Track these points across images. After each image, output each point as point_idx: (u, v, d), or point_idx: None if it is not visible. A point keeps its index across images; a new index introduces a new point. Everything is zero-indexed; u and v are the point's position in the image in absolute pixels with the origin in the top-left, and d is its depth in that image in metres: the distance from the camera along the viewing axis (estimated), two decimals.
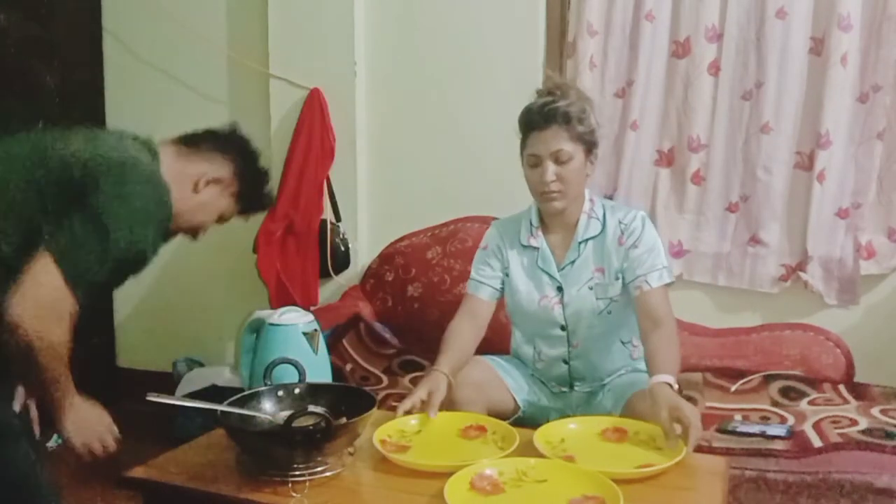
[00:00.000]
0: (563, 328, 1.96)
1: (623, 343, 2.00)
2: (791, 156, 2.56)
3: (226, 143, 1.66)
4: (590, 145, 1.89)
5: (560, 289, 1.94)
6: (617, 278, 1.92)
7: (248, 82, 3.11)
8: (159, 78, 3.25)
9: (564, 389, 2.04)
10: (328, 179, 2.91)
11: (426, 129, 2.92)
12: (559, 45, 2.77)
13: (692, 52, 2.59)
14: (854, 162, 2.51)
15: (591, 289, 1.92)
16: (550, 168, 1.84)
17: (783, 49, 2.50)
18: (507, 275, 2.01)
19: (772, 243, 2.59)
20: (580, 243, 1.94)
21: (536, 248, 1.97)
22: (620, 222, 1.93)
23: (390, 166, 2.98)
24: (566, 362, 1.99)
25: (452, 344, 1.90)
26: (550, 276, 1.95)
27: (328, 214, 2.91)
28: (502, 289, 2.02)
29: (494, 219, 2.66)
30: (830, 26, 2.43)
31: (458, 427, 1.66)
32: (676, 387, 1.67)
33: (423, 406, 1.70)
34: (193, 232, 1.66)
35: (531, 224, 1.99)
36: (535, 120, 1.86)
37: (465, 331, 1.95)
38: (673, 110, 2.65)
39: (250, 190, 1.67)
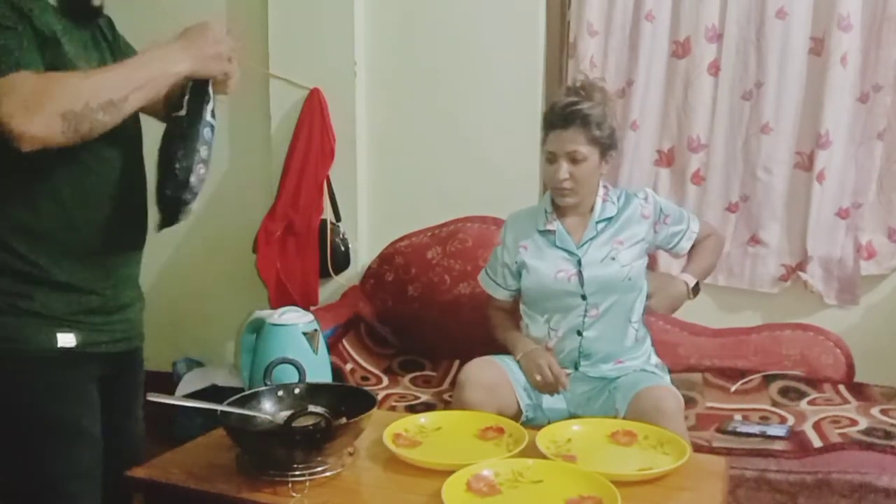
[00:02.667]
0: (583, 297, 2.04)
1: (631, 322, 2.07)
2: (791, 156, 2.56)
3: None
4: (606, 148, 2.02)
5: (579, 262, 2.04)
6: (635, 244, 2.06)
7: (248, 82, 3.10)
8: None
9: (569, 371, 2.06)
10: (328, 179, 2.90)
11: (426, 128, 2.92)
12: (559, 45, 2.77)
13: (692, 52, 2.59)
14: (854, 162, 2.51)
15: (613, 258, 2.04)
16: (564, 167, 1.99)
17: (783, 49, 2.49)
18: (519, 266, 2.11)
19: (772, 243, 2.59)
20: (598, 223, 2.07)
21: (553, 232, 2.08)
22: (639, 197, 2.10)
23: (390, 166, 2.98)
24: (580, 333, 2.05)
25: (510, 329, 2.16)
26: (569, 253, 2.06)
27: (328, 214, 2.91)
28: (518, 289, 2.15)
29: (494, 219, 2.70)
30: (830, 26, 2.43)
31: (478, 427, 1.66)
32: (692, 283, 2.08)
33: (554, 380, 1.99)
34: None
35: (546, 211, 2.11)
36: (556, 120, 2.01)
37: (507, 318, 2.20)
38: (673, 110, 2.65)
39: None
